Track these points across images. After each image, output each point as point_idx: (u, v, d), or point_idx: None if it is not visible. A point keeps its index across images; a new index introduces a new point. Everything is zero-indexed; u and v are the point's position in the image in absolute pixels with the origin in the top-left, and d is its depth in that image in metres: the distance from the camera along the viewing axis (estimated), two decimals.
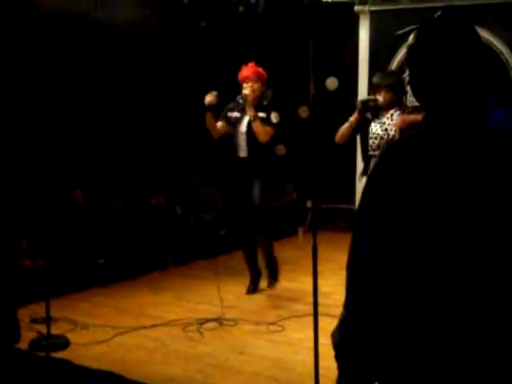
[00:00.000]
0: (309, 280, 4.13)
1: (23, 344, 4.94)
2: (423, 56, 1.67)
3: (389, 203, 1.73)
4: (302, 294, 6.13)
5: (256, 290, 6.49)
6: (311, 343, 3.91)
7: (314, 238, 3.93)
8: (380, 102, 5.36)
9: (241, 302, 6.12)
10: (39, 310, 5.36)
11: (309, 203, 8.94)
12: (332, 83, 5.26)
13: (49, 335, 4.97)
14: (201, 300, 6.19)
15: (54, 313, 5.21)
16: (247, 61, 6.39)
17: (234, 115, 6.26)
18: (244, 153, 6.22)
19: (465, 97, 1.66)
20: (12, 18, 6.58)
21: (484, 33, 7.52)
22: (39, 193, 6.06)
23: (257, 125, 6.08)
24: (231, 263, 6.72)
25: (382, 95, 5.37)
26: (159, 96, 8.16)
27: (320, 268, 4.04)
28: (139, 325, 5.46)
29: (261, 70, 6.24)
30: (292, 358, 4.70)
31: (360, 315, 1.78)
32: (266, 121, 6.12)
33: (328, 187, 9.11)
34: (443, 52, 1.64)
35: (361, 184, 5.52)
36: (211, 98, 6.06)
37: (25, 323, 5.30)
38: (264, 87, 6.29)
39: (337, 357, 1.84)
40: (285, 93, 8.64)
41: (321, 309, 4.08)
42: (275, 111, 6.16)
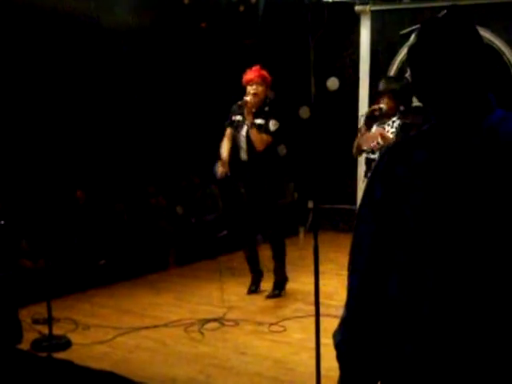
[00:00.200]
0: (310, 280, 4.13)
1: (25, 345, 4.94)
2: (424, 56, 1.67)
3: (389, 204, 1.73)
4: (304, 295, 6.14)
5: (257, 291, 6.48)
6: (313, 343, 3.91)
7: (315, 239, 3.93)
8: (384, 110, 5.32)
9: (242, 303, 6.12)
10: (41, 311, 5.36)
11: (310, 204, 8.95)
12: (333, 83, 5.27)
13: (50, 336, 4.97)
14: (202, 300, 6.19)
15: (56, 313, 5.21)
16: (248, 61, 6.38)
17: (237, 118, 6.22)
18: (245, 155, 6.20)
19: (465, 97, 1.66)
20: (13, 21, 6.58)
21: (485, 33, 7.51)
22: (40, 193, 6.06)
23: (253, 133, 6.03)
24: (232, 264, 6.72)
25: (385, 101, 5.33)
26: (160, 97, 8.15)
27: (321, 268, 4.03)
28: (140, 325, 5.46)
29: (265, 73, 6.18)
30: (293, 359, 4.70)
31: (361, 315, 1.78)
32: (264, 128, 6.07)
33: (329, 188, 9.12)
34: (444, 52, 1.64)
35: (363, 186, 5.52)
36: (223, 170, 6.14)
37: (26, 324, 5.29)
38: (268, 90, 6.23)
39: (338, 357, 1.84)
40: (286, 93, 8.64)
41: (322, 309, 4.08)
42: (274, 119, 6.09)
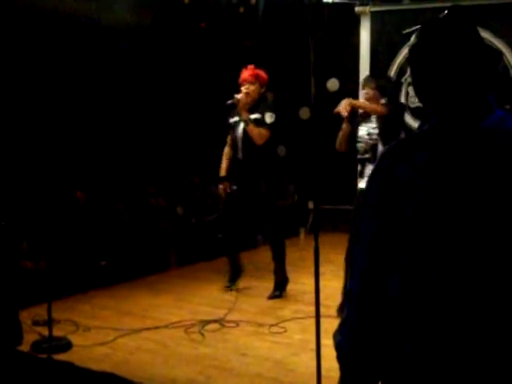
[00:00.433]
0: (310, 281, 4.13)
1: (25, 346, 4.94)
2: (424, 56, 1.68)
3: (389, 204, 1.73)
4: (304, 296, 6.14)
5: (233, 288, 6.50)
6: (313, 344, 3.91)
7: (316, 240, 3.92)
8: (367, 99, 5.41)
9: (242, 304, 6.10)
10: (41, 312, 5.36)
11: (310, 204, 8.95)
12: (333, 84, 5.26)
13: (51, 337, 4.96)
14: (202, 302, 6.18)
15: (56, 315, 5.21)
16: (248, 62, 6.39)
17: (233, 120, 6.28)
18: (241, 154, 6.24)
19: (466, 97, 1.66)
20: (14, 21, 6.59)
21: (485, 34, 7.51)
22: (40, 194, 6.06)
23: (250, 128, 6.06)
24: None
25: (366, 91, 5.40)
26: (160, 98, 8.16)
27: (322, 269, 4.03)
28: (141, 327, 5.46)
29: (259, 72, 6.22)
30: (294, 360, 4.69)
31: (362, 316, 1.78)
32: (260, 122, 6.09)
33: (329, 188, 9.11)
34: (444, 52, 1.64)
35: (359, 185, 5.55)
36: (222, 187, 6.37)
37: (26, 325, 5.29)
38: (263, 89, 6.25)
39: (339, 358, 1.83)
40: (286, 94, 8.65)
41: (323, 310, 4.08)
42: (270, 111, 6.11)
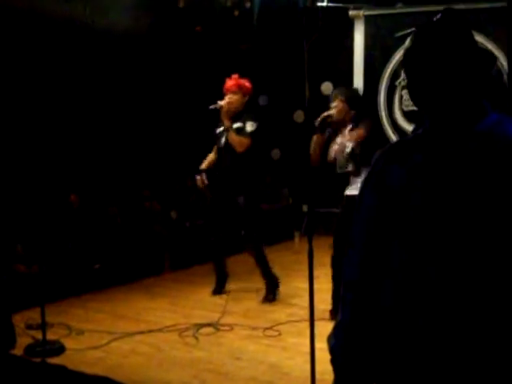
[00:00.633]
0: (305, 284, 4.13)
1: (18, 350, 4.93)
2: (419, 59, 1.68)
3: (384, 207, 1.74)
4: (298, 299, 6.14)
5: (221, 292, 6.55)
6: (307, 348, 3.90)
7: (310, 243, 3.92)
8: (334, 115, 5.42)
9: (236, 307, 6.11)
10: (34, 316, 5.35)
11: (305, 208, 8.95)
12: (327, 88, 5.28)
13: (44, 341, 4.95)
14: (197, 305, 6.18)
15: (50, 318, 5.20)
16: (243, 65, 6.41)
17: (218, 130, 6.36)
18: (224, 162, 6.29)
19: (460, 100, 1.66)
20: (12, 25, 6.58)
21: (479, 37, 7.52)
22: (34, 197, 6.05)
23: (232, 136, 6.14)
24: (227, 267, 6.71)
25: (335, 104, 5.41)
26: (155, 101, 8.16)
27: (316, 272, 4.03)
28: (135, 330, 5.45)
29: (242, 82, 6.29)
30: (288, 363, 4.69)
31: (356, 320, 1.78)
32: (241, 131, 6.16)
33: (324, 191, 9.11)
34: (439, 56, 1.64)
35: (346, 192, 5.61)
36: (199, 179, 6.35)
37: (20, 329, 5.28)
38: (246, 98, 6.32)
39: (332, 361, 1.84)
40: (280, 97, 8.66)
41: (317, 313, 4.08)
42: (251, 120, 6.18)
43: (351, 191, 5.47)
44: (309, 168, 5.22)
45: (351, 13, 8.76)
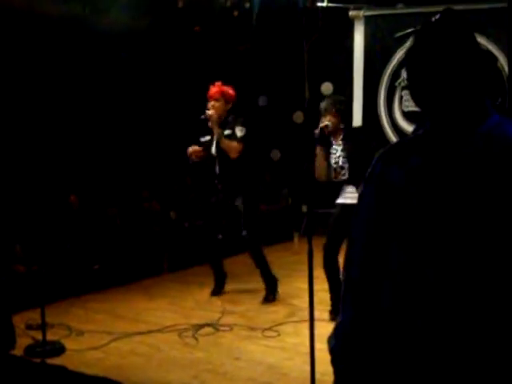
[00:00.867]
0: (304, 285, 4.13)
1: (18, 350, 4.92)
2: (421, 59, 1.66)
3: (382, 210, 1.73)
4: (298, 299, 6.13)
5: (220, 292, 6.57)
6: (307, 348, 3.90)
7: (310, 243, 3.93)
8: (330, 127, 5.47)
9: (236, 308, 6.11)
10: (34, 317, 5.34)
11: (304, 208, 8.94)
12: (327, 88, 5.27)
13: (44, 341, 4.95)
14: (196, 306, 6.18)
15: (49, 319, 5.19)
16: (242, 66, 6.41)
17: (205, 139, 6.38)
18: (217, 169, 6.31)
19: (462, 101, 1.65)
20: (12, 25, 6.58)
21: (479, 38, 7.50)
22: (34, 198, 6.04)
23: (224, 143, 6.18)
24: (225, 268, 6.72)
25: (328, 119, 5.45)
26: (153, 102, 8.16)
27: (315, 273, 4.03)
28: (134, 331, 5.45)
29: (225, 89, 6.33)
30: (288, 364, 4.69)
31: (357, 321, 1.78)
32: (232, 137, 6.21)
33: (323, 192, 9.11)
34: (441, 55, 1.63)
35: (338, 201, 5.65)
36: (192, 150, 6.37)
37: (20, 329, 5.27)
38: (230, 105, 6.35)
39: (333, 362, 1.83)
40: (280, 98, 8.66)
41: (316, 314, 4.08)
42: (240, 125, 6.23)
43: (341, 200, 5.57)
44: (308, 169, 5.22)
45: (351, 13, 8.76)
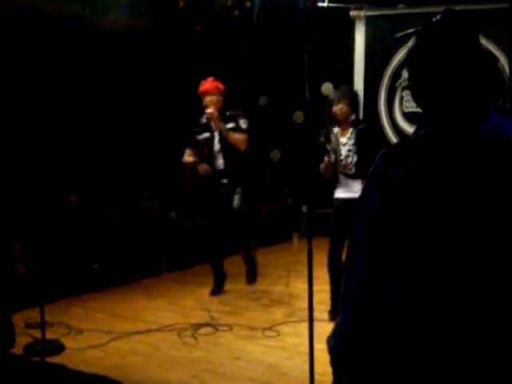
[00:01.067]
0: (304, 285, 4.13)
1: (18, 349, 4.92)
2: (423, 59, 1.66)
3: (383, 208, 1.73)
4: (298, 299, 6.14)
5: (220, 292, 6.60)
6: (306, 348, 3.90)
7: (309, 243, 3.93)
8: (339, 115, 5.49)
9: (236, 307, 6.11)
10: (34, 315, 5.35)
11: (304, 208, 8.94)
12: (327, 88, 5.27)
13: (43, 340, 4.95)
14: (196, 305, 6.18)
15: (49, 318, 5.20)
16: (243, 65, 6.42)
17: (204, 136, 6.39)
18: (221, 165, 6.35)
19: (464, 102, 1.65)
20: (11, 24, 6.57)
21: (480, 38, 7.51)
22: (34, 197, 6.04)
23: (231, 136, 6.21)
24: (225, 268, 6.72)
25: (340, 107, 5.45)
26: (154, 101, 8.15)
27: (315, 273, 4.03)
28: (134, 330, 5.45)
29: (219, 84, 6.38)
30: (287, 363, 4.69)
31: (356, 322, 1.78)
32: (238, 129, 6.27)
33: (323, 192, 9.11)
34: (442, 56, 1.63)
35: (336, 195, 5.68)
36: (191, 159, 6.36)
37: (19, 328, 5.27)
38: (223, 99, 6.38)
39: (332, 362, 1.83)
40: (280, 98, 8.65)
41: (316, 314, 4.08)
42: (243, 118, 6.31)
43: (343, 194, 5.56)
44: (308, 169, 5.22)
45: (352, 13, 8.76)
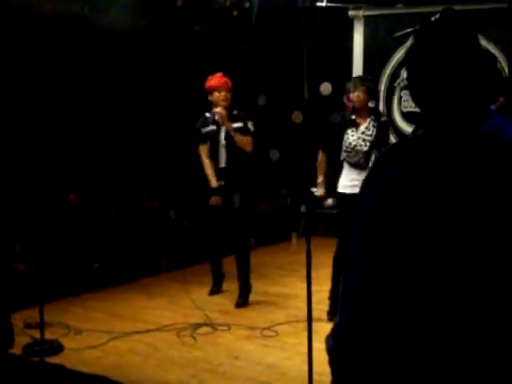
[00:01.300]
0: (303, 285, 4.13)
1: (17, 349, 4.92)
2: (421, 59, 1.66)
3: (381, 208, 1.73)
4: (296, 299, 6.13)
5: (219, 292, 6.59)
6: (305, 348, 3.91)
7: (308, 243, 3.93)
8: (357, 104, 5.43)
9: (234, 307, 6.11)
10: (33, 315, 5.34)
11: (303, 208, 8.94)
12: (326, 88, 5.28)
13: (42, 340, 4.95)
14: (195, 305, 6.17)
15: (48, 318, 5.19)
16: (241, 65, 6.41)
17: (210, 129, 6.27)
18: (223, 163, 6.24)
19: (462, 102, 1.65)
20: (10, 24, 6.57)
21: (479, 38, 7.50)
22: (33, 197, 6.04)
23: (238, 138, 6.10)
24: (224, 268, 6.72)
25: (357, 95, 5.41)
26: (153, 101, 8.15)
27: (314, 273, 4.04)
28: (133, 330, 5.45)
29: (228, 80, 6.29)
30: (286, 363, 4.69)
31: (355, 322, 1.78)
32: (245, 130, 6.16)
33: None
34: (441, 55, 1.63)
35: (340, 190, 5.64)
36: (218, 199, 6.24)
37: (18, 328, 5.27)
38: (231, 96, 6.30)
39: (331, 362, 1.83)
40: (279, 98, 8.65)
41: (315, 314, 4.08)
42: (250, 120, 6.21)
43: (349, 189, 5.46)
44: (307, 169, 5.22)
45: (351, 13, 8.77)
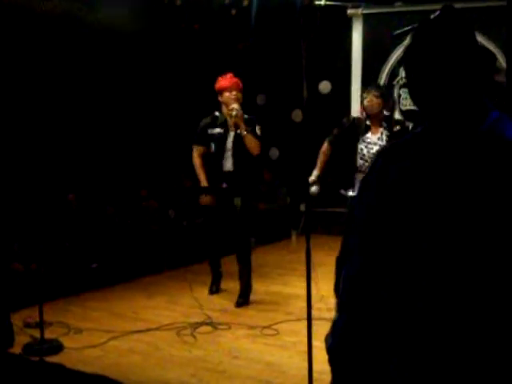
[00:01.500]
0: (302, 284, 4.13)
1: (17, 349, 4.92)
2: (420, 57, 1.65)
3: (380, 209, 1.73)
4: (296, 298, 6.14)
5: (218, 291, 6.61)
6: (305, 347, 3.91)
7: (308, 242, 3.93)
8: (369, 109, 5.44)
9: (234, 306, 6.11)
10: (32, 315, 5.34)
11: (302, 207, 8.95)
12: (325, 87, 5.29)
13: (42, 340, 4.95)
14: (194, 304, 6.17)
15: (48, 317, 5.20)
16: (241, 64, 6.40)
17: (217, 131, 6.20)
18: (230, 166, 6.17)
19: (461, 99, 1.64)
20: (8, 23, 6.57)
21: (477, 36, 7.51)
22: (32, 196, 6.04)
23: (250, 140, 6.04)
24: (224, 267, 6.72)
25: (369, 99, 5.41)
26: (152, 100, 8.15)
27: (313, 272, 4.03)
28: (133, 329, 5.45)
29: (239, 81, 6.22)
30: (286, 362, 4.70)
31: (353, 321, 1.78)
32: (255, 134, 6.10)
33: (322, 191, 9.10)
34: (440, 53, 1.62)
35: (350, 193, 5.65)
36: (207, 199, 6.27)
37: (18, 328, 5.28)
38: (241, 97, 6.25)
39: (330, 361, 1.83)
40: (278, 97, 8.66)
41: (314, 312, 4.08)
42: (258, 124, 6.14)
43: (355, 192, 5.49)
44: (307, 168, 5.22)
45: (349, 11, 8.77)
